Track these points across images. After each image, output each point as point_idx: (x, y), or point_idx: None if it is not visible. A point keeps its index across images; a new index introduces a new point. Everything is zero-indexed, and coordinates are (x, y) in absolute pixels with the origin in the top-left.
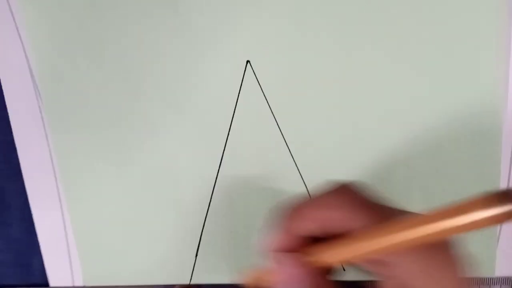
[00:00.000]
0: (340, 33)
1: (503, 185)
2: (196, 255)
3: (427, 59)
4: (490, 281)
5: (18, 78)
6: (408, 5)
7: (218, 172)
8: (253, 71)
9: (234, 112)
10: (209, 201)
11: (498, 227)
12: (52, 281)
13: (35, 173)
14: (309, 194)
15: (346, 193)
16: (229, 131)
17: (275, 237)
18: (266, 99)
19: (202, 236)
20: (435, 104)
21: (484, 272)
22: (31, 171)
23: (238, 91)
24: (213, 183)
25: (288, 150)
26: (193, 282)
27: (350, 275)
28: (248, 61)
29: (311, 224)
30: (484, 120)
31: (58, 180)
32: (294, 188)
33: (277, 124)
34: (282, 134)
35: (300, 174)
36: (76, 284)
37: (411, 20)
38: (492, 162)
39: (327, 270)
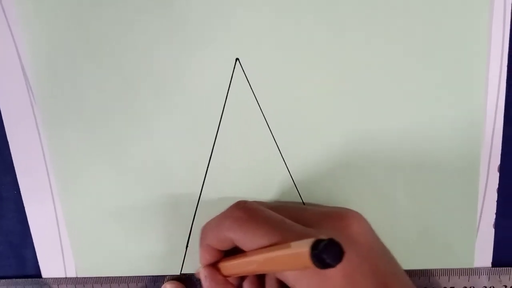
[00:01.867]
0: (331, 31)
1: (482, 179)
2: (187, 247)
3: (417, 58)
4: (469, 271)
5: (9, 73)
6: (401, 5)
7: (208, 166)
8: (242, 68)
9: (223, 109)
10: (199, 194)
11: (478, 218)
12: (44, 273)
13: (27, 167)
14: (297, 190)
15: (237, 214)
16: (218, 127)
17: (199, 253)
18: (255, 96)
19: (193, 227)
20: (422, 102)
21: (463, 263)
22: (23, 165)
23: (227, 89)
24: (203, 177)
25: (276, 147)
26: (183, 272)
27: None
28: (237, 59)
29: (215, 242)
30: (465, 118)
31: (50, 173)
32: (282, 183)
33: (266, 121)
34: (270, 130)
35: (288, 170)
36: (69, 276)
37: (402, 20)
38: (472, 158)
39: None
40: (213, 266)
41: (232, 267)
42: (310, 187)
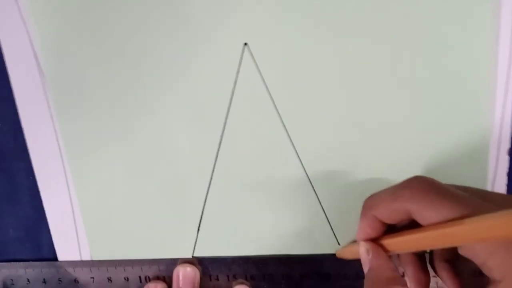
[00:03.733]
0: (342, 17)
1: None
2: (198, 230)
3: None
4: None
5: (23, 63)
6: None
7: (217, 153)
8: (251, 53)
9: (232, 95)
10: (209, 180)
11: None
12: (60, 256)
13: (42, 154)
14: (308, 176)
15: (419, 185)
16: (227, 113)
17: (359, 226)
18: (264, 82)
19: (204, 212)
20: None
21: None
22: (38, 152)
23: (236, 74)
24: (213, 163)
25: (286, 134)
26: (195, 255)
27: None
28: (246, 44)
29: (386, 214)
30: (475, 103)
31: (65, 160)
32: (292, 169)
33: (276, 107)
34: (280, 117)
35: (299, 157)
36: (84, 259)
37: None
38: (481, 142)
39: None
40: (374, 241)
41: (400, 243)
42: (321, 172)
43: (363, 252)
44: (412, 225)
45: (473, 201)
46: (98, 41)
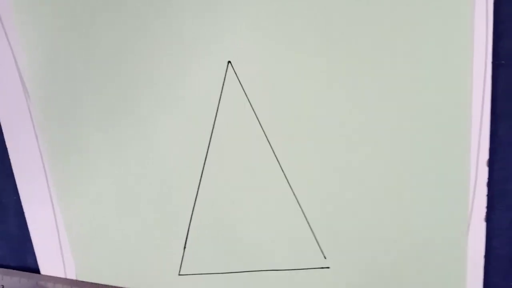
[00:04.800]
0: (326, 34)
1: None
2: (185, 248)
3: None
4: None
5: (6, 80)
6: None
7: (203, 170)
8: (235, 71)
9: (216, 113)
10: (195, 197)
11: (468, 213)
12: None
13: (26, 172)
14: (293, 192)
15: None
16: (212, 130)
17: None
18: (248, 99)
19: (190, 229)
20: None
21: (456, 257)
22: (22, 171)
23: (220, 92)
24: (199, 180)
25: (271, 150)
26: (182, 273)
27: None
28: (229, 62)
29: None
30: (452, 114)
31: (49, 178)
32: (277, 186)
33: (260, 124)
34: (265, 133)
35: (284, 173)
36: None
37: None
38: (460, 153)
39: None
40: None
41: None
42: (305, 189)
43: None
44: None
45: None
46: (85, 59)
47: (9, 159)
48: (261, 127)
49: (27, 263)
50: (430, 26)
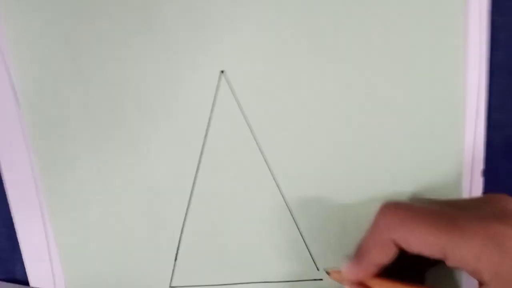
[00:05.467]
0: (318, 43)
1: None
2: (176, 259)
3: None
4: None
5: None
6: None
7: (194, 180)
8: (228, 81)
9: (209, 122)
10: (186, 207)
11: None
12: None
13: (16, 183)
14: (286, 202)
15: (392, 214)
16: (204, 140)
17: (349, 269)
18: (241, 109)
19: (181, 240)
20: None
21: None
22: (12, 181)
23: (213, 102)
24: (191, 190)
25: (263, 159)
26: (173, 285)
27: None
28: (222, 71)
29: (379, 253)
30: (446, 124)
31: (39, 190)
32: (270, 196)
33: (252, 134)
34: (257, 143)
35: (277, 184)
36: None
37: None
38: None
39: None
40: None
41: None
42: (299, 199)
43: None
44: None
45: (447, 216)
46: (76, 73)
47: (0, 172)
48: (254, 137)
49: (16, 275)
50: (423, 35)
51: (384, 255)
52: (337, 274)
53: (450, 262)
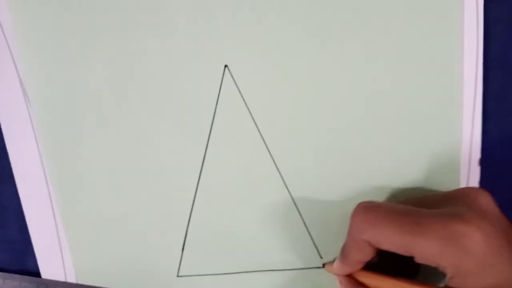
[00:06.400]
0: (322, 38)
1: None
2: (183, 249)
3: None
4: None
5: (6, 84)
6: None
7: (200, 174)
8: (232, 75)
9: (214, 116)
10: (193, 198)
11: None
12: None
13: (26, 176)
14: (290, 194)
15: (365, 216)
16: (209, 134)
17: (336, 265)
18: (245, 103)
19: (188, 230)
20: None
21: None
22: (22, 174)
23: (217, 96)
24: (197, 182)
25: (268, 152)
26: (180, 274)
27: None
28: (226, 66)
29: (358, 254)
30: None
31: (49, 182)
32: (275, 189)
33: (257, 127)
34: (262, 137)
35: (281, 176)
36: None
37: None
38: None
39: None
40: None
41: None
42: (303, 191)
43: (340, 284)
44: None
45: (412, 215)
46: (84, 65)
47: (9, 163)
48: (259, 130)
49: (28, 266)
50: (420, 29)
51: (362, 255)
52: (330, 267)
53: (417, 259)
